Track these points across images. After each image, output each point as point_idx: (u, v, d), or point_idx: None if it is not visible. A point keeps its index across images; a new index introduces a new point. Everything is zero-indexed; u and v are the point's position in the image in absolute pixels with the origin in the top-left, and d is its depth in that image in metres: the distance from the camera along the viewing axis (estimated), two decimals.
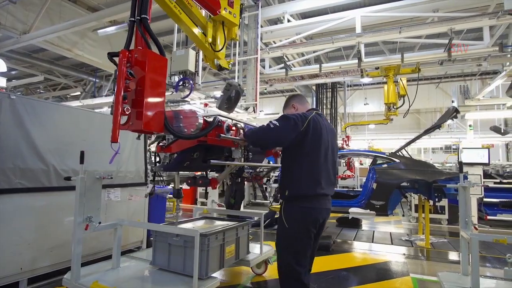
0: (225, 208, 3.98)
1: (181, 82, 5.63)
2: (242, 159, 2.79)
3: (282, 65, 8.91)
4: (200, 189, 9.49)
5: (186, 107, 13.56)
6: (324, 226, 2.49)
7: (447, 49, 6.49)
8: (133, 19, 2.01)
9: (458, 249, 5.21)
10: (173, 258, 2.83)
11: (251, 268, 3.73)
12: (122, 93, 1.74)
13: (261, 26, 7.75)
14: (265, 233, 3.87)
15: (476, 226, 5.63)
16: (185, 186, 8.82)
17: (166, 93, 6.71)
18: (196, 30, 3.72)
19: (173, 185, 2.84)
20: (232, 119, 2.88)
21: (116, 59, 1.83)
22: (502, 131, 9.64)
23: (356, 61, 7.53)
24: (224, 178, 2.82)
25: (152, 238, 3.00)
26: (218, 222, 3.61)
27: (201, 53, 5.84)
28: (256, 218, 4.82)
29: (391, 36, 6.89)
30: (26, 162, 3.12)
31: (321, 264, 4.33)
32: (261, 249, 3.59)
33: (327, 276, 3.92)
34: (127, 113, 1.78)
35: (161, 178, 5.93)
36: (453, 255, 4.91)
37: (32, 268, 3.13)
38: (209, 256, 2.73)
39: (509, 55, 7.16)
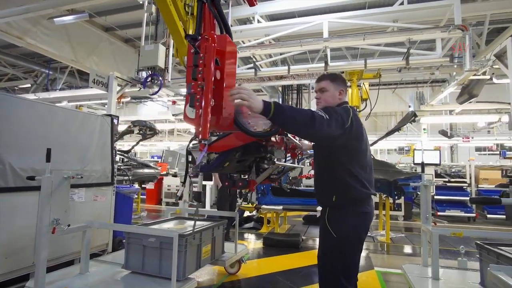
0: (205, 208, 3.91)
1: (150, 78, 5.44)
2: (284, 160, 2.52)
3: (250, 65, 8.95)
4: (165, 189, 9.23)
5: (150, 104, 13.08)
6: None
7: (405, 57, 6.96)
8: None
9: (415, 243, 5.64)
10: (148, 260, 2.73)
11: (224, 267, 3.72)
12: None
13: (231, 25, 7.72)
14: (233, 232, 3.87)
15: (435, 221, 6.12)
16: (148, 186, 8.52)
17: (132, 89, 6.42)
18: (179, 24, 3.63)
19: (182, 188, 2.63)
20: None
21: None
22: (449, 134, 10.61)
23: (323, 64, 7.79)
24: (263, 179, 2.57)
25: (124, 241, 2.86)
26: (191, 223, 3.54)
27: (171, 49, 5.72)
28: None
29: (356, 42, 7.25)
30: None
31: (291, 261, 4.44)
32: (235, 249, 3.59)
33: (299, 273, 4.03)
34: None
35: (127, 177, 5.67)
36: (410, 249, 5.30)
37: None
38: (186, 257, 2.68)
39: (455, 66, 7.90)
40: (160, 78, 5.34)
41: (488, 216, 7.53)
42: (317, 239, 5.73)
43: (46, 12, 7.06)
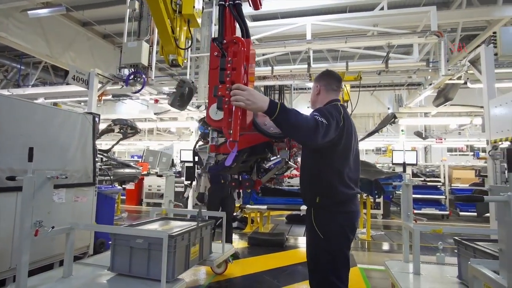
0: (183, 208, 3.87)
1: (132, 76, 5.31)
2: (291, 160, 2.50)
3: None
4: (146, 190, 9.02)
5: (129, 102, 12.74)
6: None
7: (384, 60, 7.20)
8: (223, 2, 1.86)
9: (394, 240, 5.85)
10: (136, 262, 2.67)
11: (211, 267, 3.70)
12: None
13: (215, 25, 7.68)
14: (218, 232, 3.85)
15: (416, 219, 6.36)
16: (128, 186, 8.31)
17: (114, 87, 6.24)
18: (168, 21, 3.57)
19: (184, 190, 2.58)
20: None
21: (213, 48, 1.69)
22: (424, 136, 11.06)
23: (306, 66, 7.91)
24: (267, 179, 2.56)
25: (110, 242, 2.78)
26: (176, 223, 3.48)
27: (155, 46, 5.61)
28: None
29: (338, 45, 7.43)
30: None
31: (277, 260, 4.48)
32: (223, 248, 3.58)
33: (284, 271, 4.08)
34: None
35: (108, 177, 5.50)
36: (390, 246, 5.49)
37: None
38: (175, 258, 2.64)
39: (430, 70, 8.26)
40: (144, 76, 5.22)
41: (461, 213, 7.95)
42: (301, 238, 5.84)
43: (19, 4, 6.75)
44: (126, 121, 6.59)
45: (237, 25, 1.89)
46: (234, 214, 6.91)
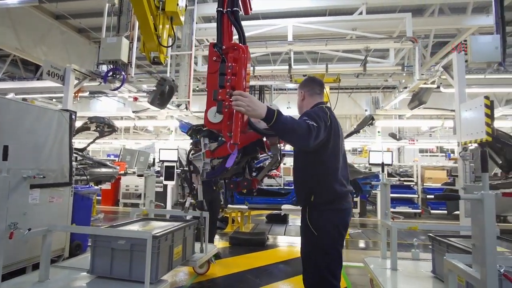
0: (165, 208, 3.81)
1: (111, 73, 5.16)
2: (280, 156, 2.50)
3: None
4: (123, 190, 8.77)
5: (104, 99, 12.33)
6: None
7: (362, 64, 7.43)
8: (221, 9, 1.92)
9: (370, 238, 6.05)
10: (117, 264, 2.60)
11: (193, 268, 3.67)
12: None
13: (196, 23, 7.59)
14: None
15: (394, 217, 6.59)
16: (104, 186, 8.04)
17: (92, 83, 6.03)
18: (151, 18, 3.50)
19: (183, 198, 2.52)
20: None
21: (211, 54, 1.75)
22: (398, 137, 11.50)
23: (287, 67, 8.00)
24: (263, 176, 2.56)
25: (90, 244, 2.70)
26: (157, 223, 3.42)
27: (135, 43, 5.47)
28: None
29: (319, 47, 7.59)
30: None
31: (259, 259, 4.51)
32: (205, 249, 3.56)
33: (266, 270, 4.11)
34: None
35: (85, 177, 5.29)
36: (367, 243, 5.67)
37: None
38: (159, 259, 2.60)
39: (404, 74, 8.60)
40: (123, 73, 5.08)
41: (432, 211, 8.35)
42: (281, 237, 5.91)
43: None
44: (103, 119, 6.38)
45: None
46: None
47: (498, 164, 6.09)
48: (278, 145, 2.31)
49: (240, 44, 1.82)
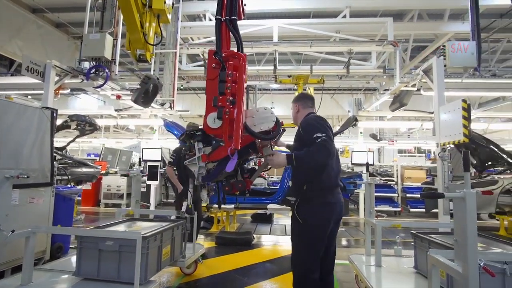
0: (150, 209, 3.76)
1: (94, 70, 5.02)
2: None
3: (198, 62, 8.83)
4: (104, 190, 8.54)
5: (83, 96, 11.97)
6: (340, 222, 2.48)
7: (346, 66, 7.60)
8: (220, 17, 2.00)
9: (353, 236, 6.20)
10: (105, 265, 2.55)
11: (180, 268, 3.64)
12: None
13: (181, 21, 7.52)
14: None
15: (377, 215, 6.77)
16: (85, 186, 7.82)
17: (73, 80, 5.85)
18: (137, 15, 3.45)
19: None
20: None
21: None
22: (378, 138, 11.81)
23: (272, 67, 8.05)
24: (256, 177, 2.60)
25: (76, 246, 2.62)
26: (144, 224, 3.37)
27: (119, 39, 5.35)
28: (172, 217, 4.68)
29: (304, 49, 7.70)
30: None
31: (246, 258, 4.53)
32: (193, 249, 3.54)
33: (254, 269, 4.14)
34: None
35: (67, 177, 5.12)
36: (351, 241, 5.81)
37: None
38: (148, 259, 2.57)
39: (385, 76, 8.88)
40: (107, 70, 4.96)
41: (411, 210, 8.66)
42: (267, 236, 5.96)
43: None
44: (84, 117, 6.20)
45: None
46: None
47: (473, 164, 6.40)
48: (270, 146, 2.37)
49: (239, 52, 1.88)
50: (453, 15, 7.92)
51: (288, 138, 2.81)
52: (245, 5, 2.66)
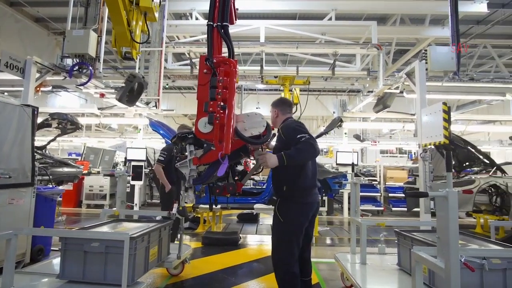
0: (135, 209, 3.70)
1: (77, 67, 4.89)
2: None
3: (184, 61, 8.75)
4: (86, 190, 8.31)
5: (64, 94, 11.62)
6: (315, 217, 2.75)
7: (331, 67, 7.72)
8: (211, 23, 2.03)
9: (338, 235, 6.31)
10: (90, 267, 2.49)
11: (167, 269, 3.61)
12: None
13: (167, 19, 7.42)
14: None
15: (362, 214, 6.89)
16: (66, 187, 7.59)
17: (55, 77, 5.68)
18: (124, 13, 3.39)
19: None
20: None
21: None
22: (361, 138, 12.06)
23: (258, 68, 8.08)
24: (247, 180, 2.69)
25: (60, 248, 2.55)
26: (129, 224, 3.31)
27: (104, 36, 5.23)
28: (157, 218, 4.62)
29: (290, 50, 7.76)
30: None
31: (233, 258, 4.53)
32: (180, 250, 3.51)
33: (241, 269, 4.15)
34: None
35: (48, 177, 4.95)
36: (336, 240, 5.91)
37: None
38: (136, 261, 2.54)
39: (368, 78, 9.08)
40: (90, 68, 4.84)
41: (393, 209, 8.89)
42: (254, 236, 5.98)
43: None
44: (66, 116, 6.02)
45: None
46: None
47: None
48: (261, 149, 2.41)
49: (230, 58, 1.91)
50: (433, 20, 8.19)
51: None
52: (237, 9, 2.69)
